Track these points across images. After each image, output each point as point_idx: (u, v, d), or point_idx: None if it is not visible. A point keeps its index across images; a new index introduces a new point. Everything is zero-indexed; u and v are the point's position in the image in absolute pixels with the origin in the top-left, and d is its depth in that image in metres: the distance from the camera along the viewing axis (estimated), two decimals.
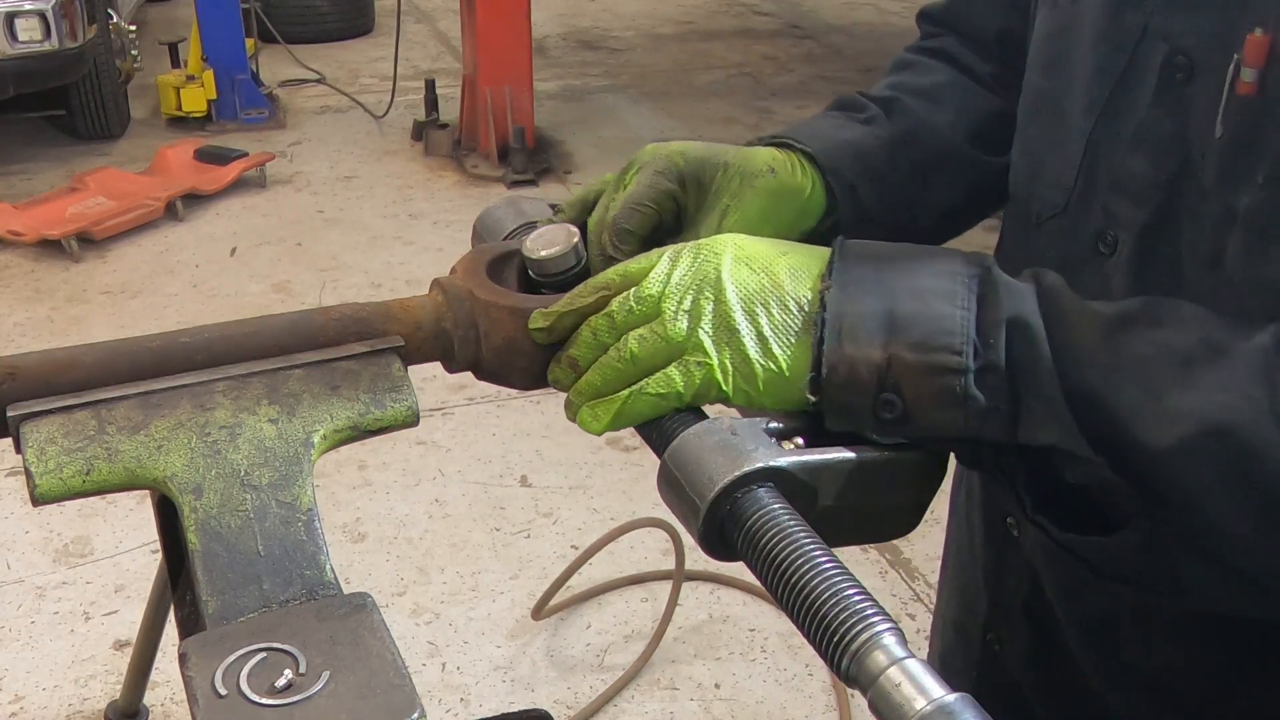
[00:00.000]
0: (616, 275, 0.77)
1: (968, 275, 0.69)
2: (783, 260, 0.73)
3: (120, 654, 2.75)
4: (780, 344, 0.71)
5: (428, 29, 8.76)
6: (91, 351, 0.75)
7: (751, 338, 0.71)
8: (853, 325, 0.68)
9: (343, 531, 3.19)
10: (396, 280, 4.67)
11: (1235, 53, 0.71)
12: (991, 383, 0.66)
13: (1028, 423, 0.65)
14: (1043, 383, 0.65)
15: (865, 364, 0.68)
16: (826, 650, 0.59)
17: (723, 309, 0.72)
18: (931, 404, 0.66)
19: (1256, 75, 0.70)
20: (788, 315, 0.71)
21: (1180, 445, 0.62)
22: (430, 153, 6.07)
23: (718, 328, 0.72)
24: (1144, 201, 0.79)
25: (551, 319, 0.78)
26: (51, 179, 5.63)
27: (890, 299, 0.68)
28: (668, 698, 2.68)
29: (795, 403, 0.71)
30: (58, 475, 0.68)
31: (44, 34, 5.18)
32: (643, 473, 3.43)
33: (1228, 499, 0.62)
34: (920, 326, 0.67)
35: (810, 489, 0.69)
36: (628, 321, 0.75)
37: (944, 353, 0.66)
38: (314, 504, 0.71)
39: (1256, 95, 0.70)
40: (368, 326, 0.80)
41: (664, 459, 0.71)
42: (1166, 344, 0.65)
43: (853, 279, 0.70)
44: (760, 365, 0.71)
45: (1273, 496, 0.62)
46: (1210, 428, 0.62)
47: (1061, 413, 0.64)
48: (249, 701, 0.59)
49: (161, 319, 4.33)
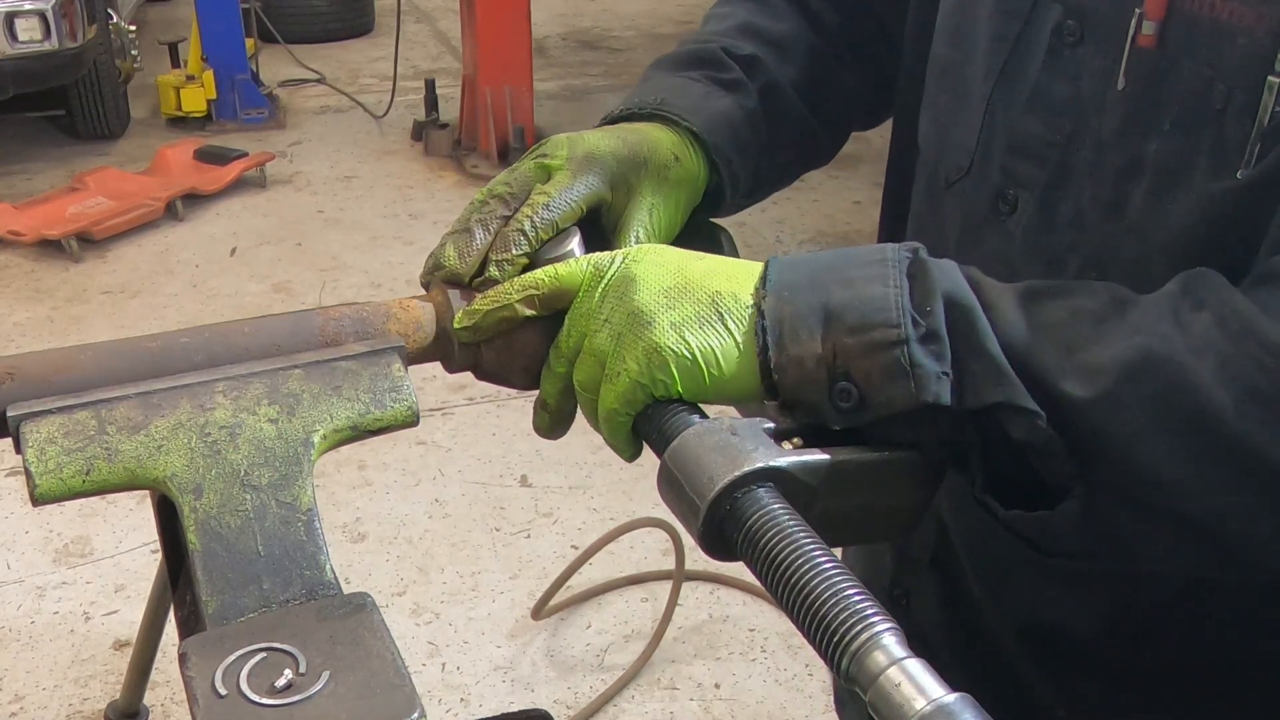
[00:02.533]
0: (546, 277, 0.78)
1: (895, 259, 0.71)
2: (697, 264, 0.76)
3: (120, 654, 2.75)
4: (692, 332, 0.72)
5: (428, 29, 8.76)
6: (91, 351, 0.75)
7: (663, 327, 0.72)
8: (793, 326, 0.70)
9: (343, 531, 3.19)
10: (396, 280, 4.67)
11: (1136, 8, 0.75)
12: (934, 349, 0.67)
13: (972, 384, 0.67)
14: (984, 344, 0.67)
15: (811, 359, 0.69)
16: (826, 650, 0.59)
17: (636, 305, 0.74)
18: (881, 381, 0.68)
19: (1156, 28, 0.74)
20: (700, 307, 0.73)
21: (1103, 394, 0.64)
22: (430, 153, 6.07)
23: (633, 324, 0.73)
24: (1042, 162, 0.83)
25: (476, 317, 0.79)
26: (51, 179, 5.63)
27: (824, 294, 0.70)
28: (668, 698, 2.68)
29: (737, 398, 0.74)
30: (58, 475, 0.68)
31: (44, 34, 5.18)
32: (643, 473, 3.43)
33: (1157, 439, 0.64)
34: (854, 310, 0.69)
35: (810, 489, 0.69)
36: (570, 347, 0.77)
37: (881, 328, 0.68)
38: (314, 504, 0.71)
39: (1156, 47, 0.75)
40: (368, 326, 0.80)
41: (664, 459, 0.71)
42: (1078, 308, 0.69)
43: (786, 283, 0.72)
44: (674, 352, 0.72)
45: (1202, 429, 0.63)
46: (1129, 371, 0.64)
47: (1003, 368, 0.66)
48: (249, 701, 0.59)
49: (161, 319, 4.33)
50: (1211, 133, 0.72)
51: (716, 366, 0.72)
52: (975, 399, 0.67)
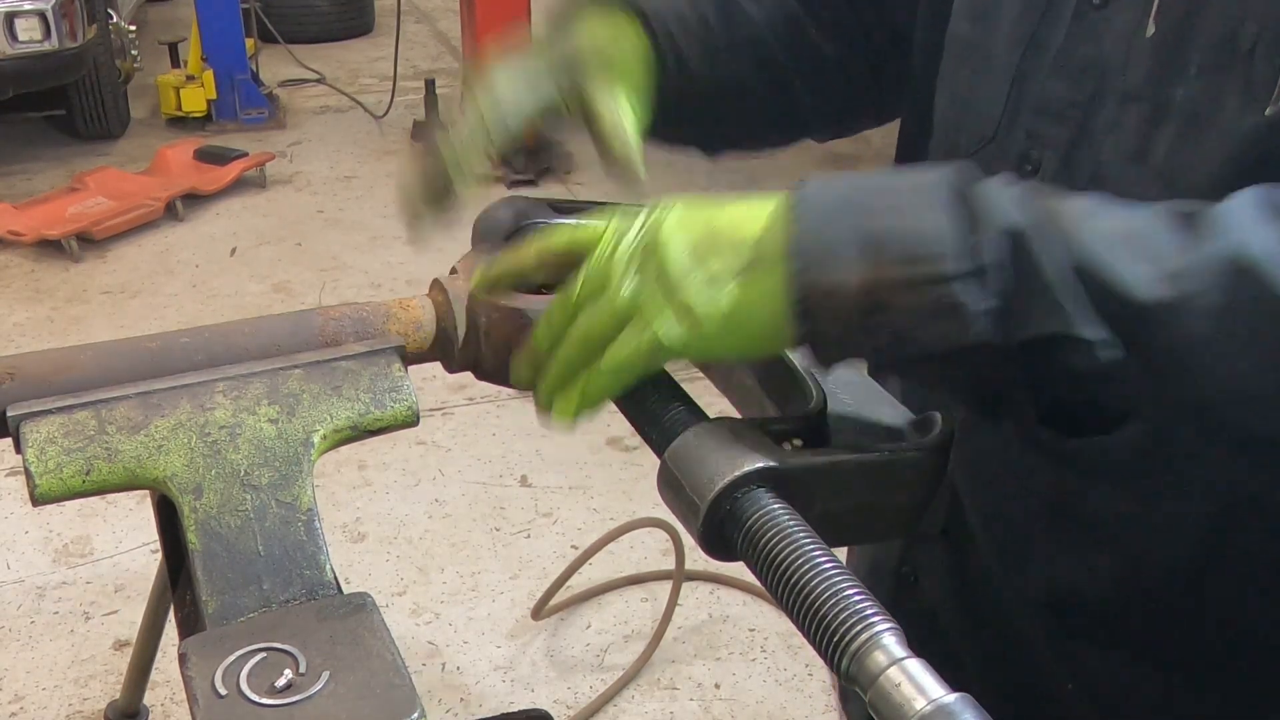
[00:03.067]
0: (562, 238, 0.77)
1: (948, 184, 0.67)
2: (725, 213, 0.72)
3: (120, 654, 2.75)
4: (723, 289, 0.69)
5: (428, 29, 8.76)
6: (91, 351, 0.75)
7: (695, 287, 0.69)
8: (827, 254, 0.66)
9: (343, 531, 3.19)
10: (396, 280, 4.66)
11: None
12: (985, 285, 0.64)
13: (1025, 316, 0.64)
14: (1040, 273, 0.63)
15: (848, 290, 0.65)
16: (826, 650, 0.59)
17: (665, 265, 0.71)
18: (928, 317, 0.64)
19: None
20: (731, 259, 0.69)
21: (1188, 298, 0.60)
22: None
23: (662, 284, 0.70)
24: (1065, 120, 0.83)
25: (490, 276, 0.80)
26: (51, 179, 5.63)
27: (866, 219, 0.66)
28: (668, 698, 2.68)
29: (763, 347, 0.71)
30: (58, 475, 0.68)
31: (44, 34, 5.17)
32: (643, 473, 3.43)
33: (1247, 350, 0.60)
34: (901, 240, 0.65)
35: (810, 489, 0.69)
36: (585, 295, 0.74)
37: (930, 261, 0.64)
38: (314, 504, 0.71)
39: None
40: (368, 326, 0.81)
41: (664, 459, 0.71)
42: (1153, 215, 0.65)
43: (818, 208, 0.68)
44: (704, 312, 0.69)
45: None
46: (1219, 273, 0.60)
47: (1058, 299, 0.63)
48: (249, 701, 0.59)
49: (161, 319, 4.33)
50: (1240, 73, 0.72)
51: (751, 320, 0.69)
52: (1033, 328, 0.63)
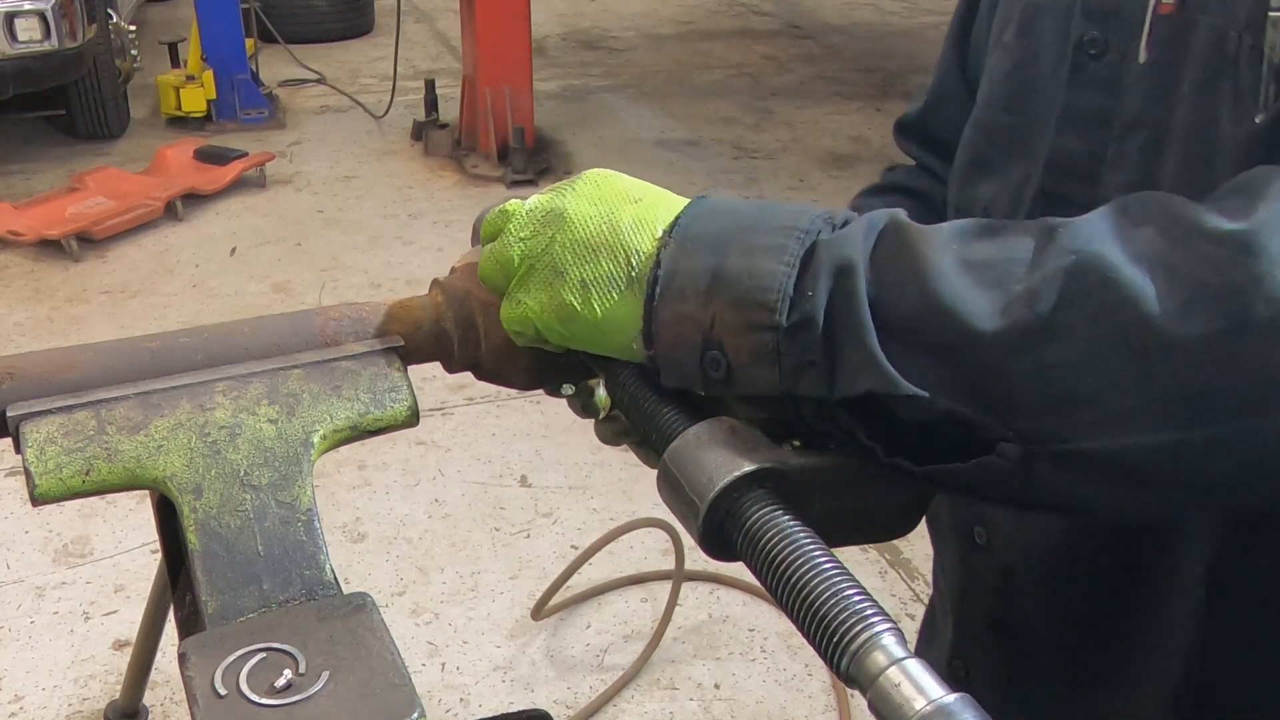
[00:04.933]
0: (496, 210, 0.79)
1: (805, 230, 0.66)
2: (631, 209, 0.72)
3: (120, 654, 2.75)
4: (599, 295, 0.70)
5: (428, 29, 8.76)
6: (91, 351, 0.75)
7: (573, 285, 0.71)
8: (681, 284, 0.67)
9: (342, 531, 3.19)
10: (396, 280, 4.67)
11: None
12: (805, 338, 0.64)
13: (843, 373, 0.63)
14: (859, 330, 0.62)
15: (690, 322, 0.67)
16: (826, 650, 0.59)
17: (557, 246, 0.72)
18: (749, 361, 0.65)
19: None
20: (615, 266, 0.70)
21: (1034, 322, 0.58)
22: (430, 153, 6.07)
23: (546, 267, 0.72)
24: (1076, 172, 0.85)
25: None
26: (51, 179, 5.63)
27: (721, 256, 0.67)
28: (667, 698, 2.68)
29: (623, 354, 0.72)
30: (58, 475, 0.68)
31: (44, 34, 5.18)
32: (643, 473, 3.40)
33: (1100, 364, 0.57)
34: (741, 283, 0.66)
35: (810, 489, 0.69)
36: (484, 238, 0.78)
37: (759, 310, 0.65)
38: (314, 504, 0.71)
39: (1176, 11, 0.77)
40: (367, 326, 0.81)
41: (664, 459, 0.71)
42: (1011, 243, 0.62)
43: (693, 235, 0.69)
44: (576, 311, 0.71)
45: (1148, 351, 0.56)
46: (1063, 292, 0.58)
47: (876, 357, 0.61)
48: (249, 701, 0.59)
49: (161, 319, 4.33)
50: (1229, 84, 0.73)
51: (617, 332, 0.71)
52: (848, 387, 0.63)
